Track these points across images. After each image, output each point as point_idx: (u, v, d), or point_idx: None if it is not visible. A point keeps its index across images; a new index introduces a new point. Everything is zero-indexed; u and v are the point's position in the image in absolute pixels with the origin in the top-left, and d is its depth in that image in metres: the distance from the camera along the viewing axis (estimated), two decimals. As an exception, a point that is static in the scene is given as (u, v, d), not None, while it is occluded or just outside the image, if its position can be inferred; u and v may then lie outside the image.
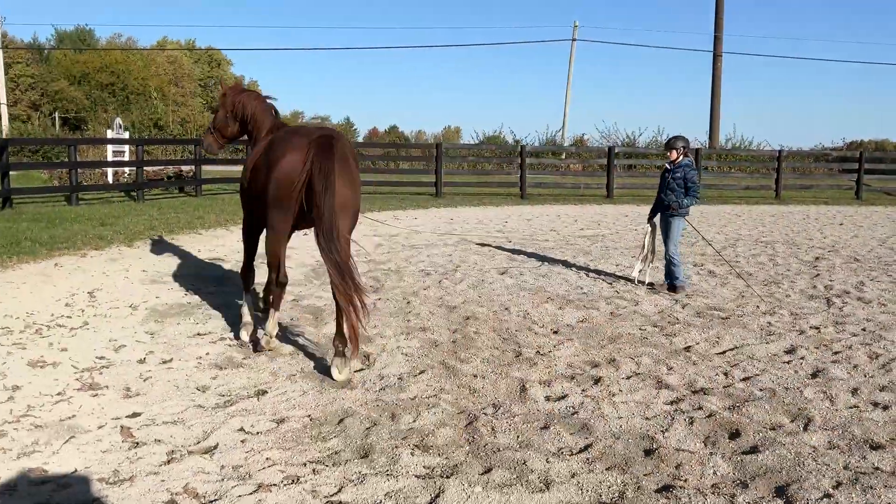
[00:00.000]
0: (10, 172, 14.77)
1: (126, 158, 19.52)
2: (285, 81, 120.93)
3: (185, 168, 20.27)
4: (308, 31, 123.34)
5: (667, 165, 8.27)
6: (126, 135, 22.02)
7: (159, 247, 10.21)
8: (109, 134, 20.06)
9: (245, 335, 5.94)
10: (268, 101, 6.40)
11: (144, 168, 17.27)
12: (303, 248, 10.72)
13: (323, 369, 5.24)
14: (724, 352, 5.88)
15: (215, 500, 3.39)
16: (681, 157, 8.09)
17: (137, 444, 3.98)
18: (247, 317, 6.05)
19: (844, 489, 3.53)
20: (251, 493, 3.44)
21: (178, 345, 5.81)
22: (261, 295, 6.88)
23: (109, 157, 19.45)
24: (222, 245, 10.74)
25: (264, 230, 5.82)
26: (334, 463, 3.77)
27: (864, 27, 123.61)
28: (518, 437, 4.13)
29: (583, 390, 4.91)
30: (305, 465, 3.75)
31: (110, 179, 19.13)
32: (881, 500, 3.43)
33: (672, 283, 8.18)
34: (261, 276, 6.80)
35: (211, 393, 4.80)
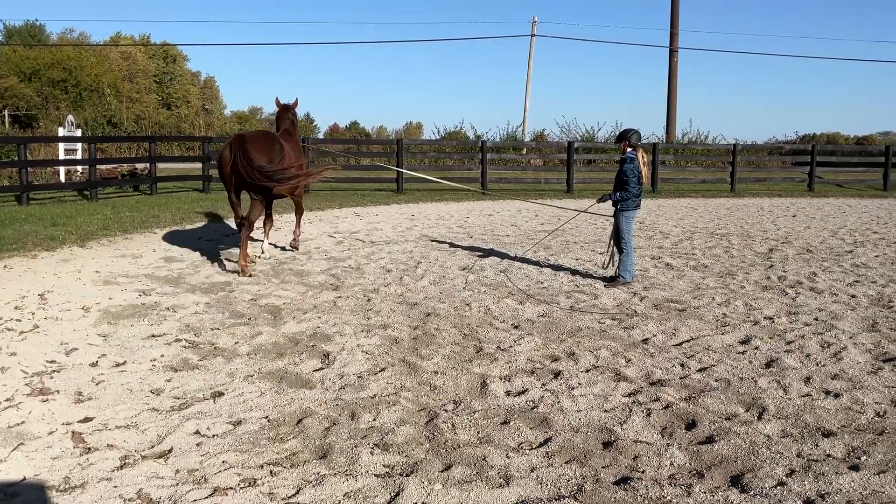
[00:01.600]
0: (-44, 172, 14.28)
1: (79, 157, 19.02)
2: (243, 77, 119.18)
3: (139, 166, 19.84)
4: (266, 26, 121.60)
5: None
6: (79, 132, 21.45)
7: (113, 247, 9.99)
8: (61, 132, 19.49)
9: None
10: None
11: (98, 166, 16.86)
12: (258, 245, 10.59)
13: (281, 370, 5.18)
14: (680, 343, 5.96)
15: (170, 505, 3.31)
16: (627, 151, 8.14)
17: (89, 449, 3.87)
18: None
19: (797, 477, 3.60)
20: (207, 498, 3.37)
21: (132, 347, 5.68)
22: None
23: (61, 156, 18.92)
24: (178, 244, 10.54)
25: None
26: (292, 464, 3.72)
27: (815, 23, 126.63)
28: (478, 432, 4.13)
29: (543, 384, 4.94)
30: (263, 467, 3.69)
31: (62, 178, 18.62)
32: (832, 486, 3.50)
33: (613, 276, 8.35)
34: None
35: (165, 396, 4.70)
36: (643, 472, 3.67)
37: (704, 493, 3.45)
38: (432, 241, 11.63)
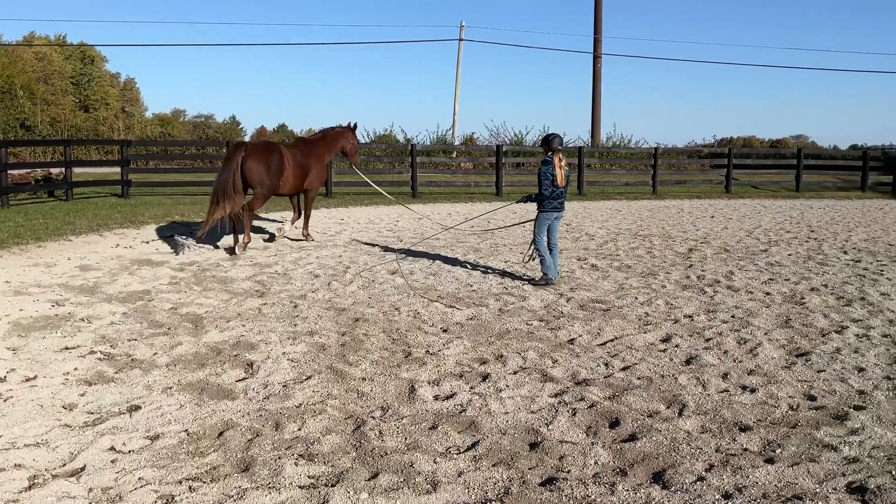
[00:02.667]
0: None
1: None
2: (165, 79, 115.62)
3: (54, 171, 18.99)
4: (190, 27, 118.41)
5: None
6: (-14, 135, 20.36)
7: (25, 256, 9.51)
8: (-33, 135, 18.48)
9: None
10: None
11: (9, 171, 16.03)
12: (174, 256, 10.27)
13: (202, 381, 5.02)
14: (605, 343, 6.08)
15: (81, 527, 3.16)
16: (547, 154, 8.34)
17: (-7, 472, 3.65)
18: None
19: (716, 471, 3.71)
20: (121, 517, 3.23)
21: (44, 360, 5.40)
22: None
23: (-33, 160, 17.90)
24: (95, 252, 10.13)
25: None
26: (213, 479, 3.60)
27: (733, 31, 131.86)
28: (406, 439, 4.09)
29: (471, 388, 4.94)
30: (181, 482, 3.56)
31: (-31, 184, 17.62)
32: (749, 479, 3.62)
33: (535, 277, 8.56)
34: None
35: (79, 411, 4.49)
36: (569, 471, 3.71)
37: (627, 490, 3.51)
38: (362, 245, 11.53)
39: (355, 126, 12.37)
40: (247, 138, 55.36)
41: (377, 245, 11.50)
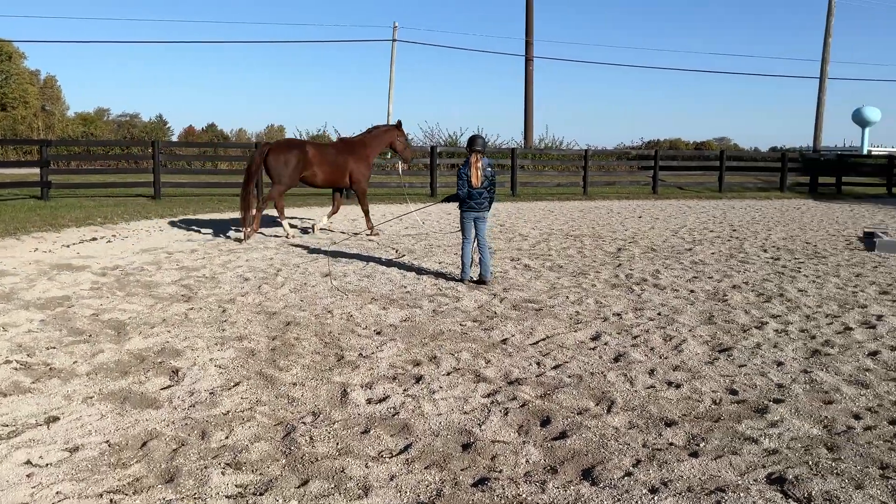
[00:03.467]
0: None
1: None
2: (89, 77, 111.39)
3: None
4: (115, 24, 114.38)
5: None
6: None
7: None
8: None
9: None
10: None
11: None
12: (102, 255, 9.93)
13: (125, 389, 4.84)
14: (537, 342, 6.15)
15: (-9, 548, 2.99)
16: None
17: None
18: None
19: (643, 466, 3.79)
20: (35, 536, 3.07)
21: (-49, 373, 5.11)
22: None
23: None
24: (11, 257, 9.67)
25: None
26: (135, 491, 3.47)
27: (659, 36, 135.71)
28: (337, 444, 4.04)
29: (404, 390, 4.92)
30: (102, 496, 3.42)
31: None
32: (675, 473, 3.71)
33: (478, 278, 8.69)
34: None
35: (-10, 425, 4.26)
36: (500, 471, 3.73)
37: (557, 488, 3.55)
38: (294, 247, 11.35)
39: (400, 123, 13.14)
40: (174, 138, 53.94)
41: (310, 247, 11.35)
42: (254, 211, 11.92)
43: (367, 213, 12.96)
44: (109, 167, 23.53)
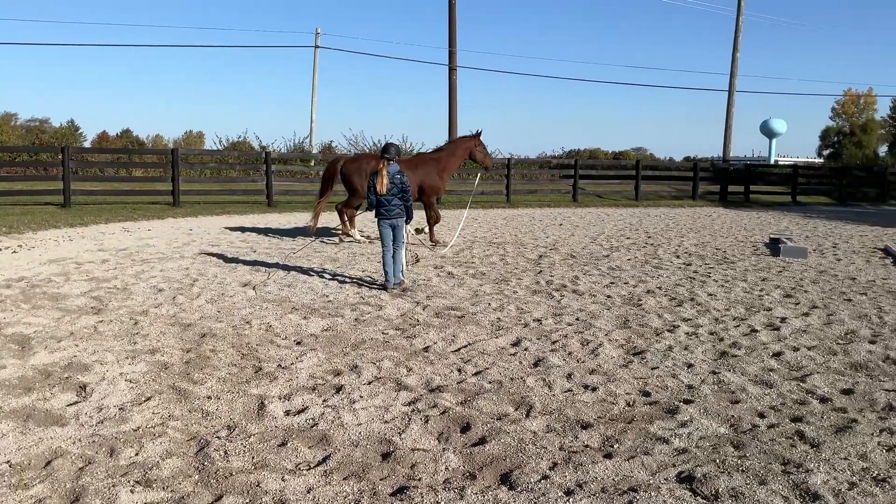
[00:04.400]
0: None
1: None
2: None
3: None
4: (22, 25, 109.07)
5: None
6: None
7: None
8: None
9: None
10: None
11: None
12: (7, 266, 9.44)
13: (29, 406, 4.59)
14: (458, 349, 6.18)
15: None
16: None
17: None
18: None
19: (559, 469, 3.86)
20: (-78, 567, 2.88)
21: None
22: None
23: None
24: None
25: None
26: (35, 514, 3.30)
27: (581, 49, 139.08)
28: (253, 457, 3.95)
29: (324, 400, 4.86)
30: (-2, 521, 3.24)
31: None
32: (589, 475, 3.79)
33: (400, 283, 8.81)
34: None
35: None
36: (419, 479, 3.72)
37: (476, 494, 3.57)
38: (212, 256, 11.06)
39: (479, 133, 13.11)
40: (87, 144, 51.79)
41: (228, 256, 11.08)
42: (319, 216, 13.51)
43: (431, 225, 12.96)
44: (16, 174, 22.39)
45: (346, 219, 13.11)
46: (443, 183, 12.82)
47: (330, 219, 16.47)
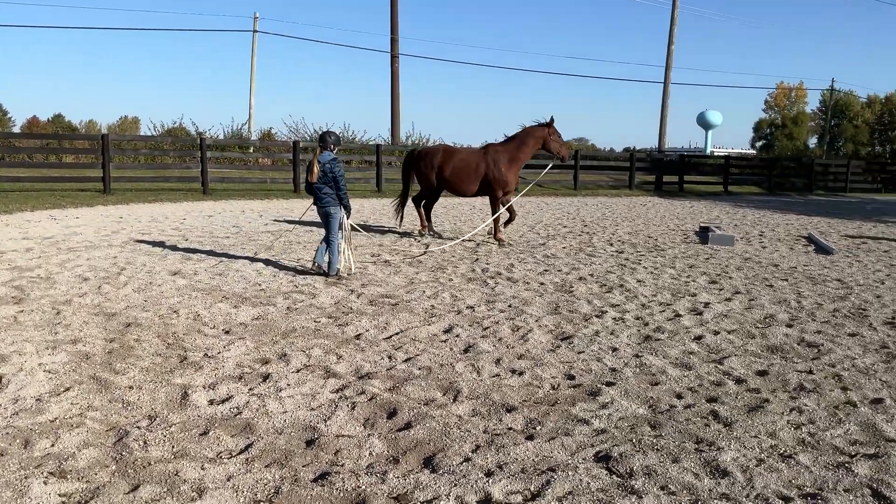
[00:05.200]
0: None
1: None
2: None
3: None
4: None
5: None
6: None
7: None
8: None
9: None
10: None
11: None
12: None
13: (-63, 400, 4.42)
14: (390, 336, 6.20)
15: None
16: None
17: None
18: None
19: (482, 451, 3.93)
20: None
21: None
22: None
23: None
24: None
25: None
26: (-61, 509, 3.20)
27: (522, 39, 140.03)
28: (173, 447, 3.90)
29: (250, 389, 4.82)
30: None
31: None
32: (511, 456, 3.88)
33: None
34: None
35: None
36: (343, 465, 3.74)
37: (398, 477, 3.61)
38: (142, 244, 10.79)
39: (552, 121, 12.23)
40: (15, 129, 49.69)
41: (159, 244, 10.83)
42: (422, 215, 13.06)
43: (496, 220, 12.07)
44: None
45: (422, 213, 13.00)
46: (512, 176, 11.98)
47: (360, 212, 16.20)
